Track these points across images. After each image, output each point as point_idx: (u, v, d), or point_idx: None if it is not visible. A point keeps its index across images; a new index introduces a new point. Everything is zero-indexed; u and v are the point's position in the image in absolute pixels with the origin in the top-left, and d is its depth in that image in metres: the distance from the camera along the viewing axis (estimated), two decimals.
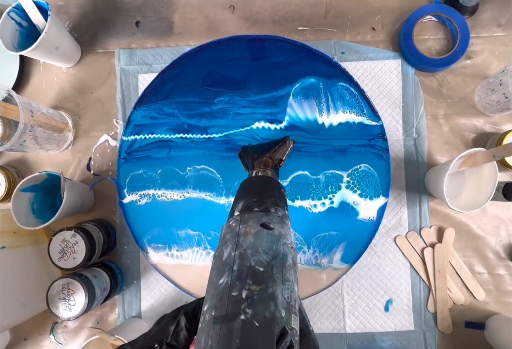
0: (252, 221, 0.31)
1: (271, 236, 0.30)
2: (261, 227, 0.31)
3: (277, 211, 0.35)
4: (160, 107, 0.58)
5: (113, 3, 0.63)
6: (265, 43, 0.55)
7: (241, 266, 0.27)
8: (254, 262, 0.27)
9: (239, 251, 0.28)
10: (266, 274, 0.26)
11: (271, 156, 0.46)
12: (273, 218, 0.32)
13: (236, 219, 0.32)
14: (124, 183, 0.58)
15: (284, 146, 0.49)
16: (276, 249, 0.29)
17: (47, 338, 0.61)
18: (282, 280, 0.27)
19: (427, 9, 0.58)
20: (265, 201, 0.35)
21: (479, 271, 0.58)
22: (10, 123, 0.56)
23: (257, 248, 0.28)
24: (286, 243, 0.30)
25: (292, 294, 0.27)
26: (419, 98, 0.59)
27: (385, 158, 0.55)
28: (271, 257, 0.28)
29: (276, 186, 0.41)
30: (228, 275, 0.27)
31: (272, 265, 0.27)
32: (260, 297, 0.25)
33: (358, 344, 0.58)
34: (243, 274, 0.26)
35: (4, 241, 0.54)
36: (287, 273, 0.28)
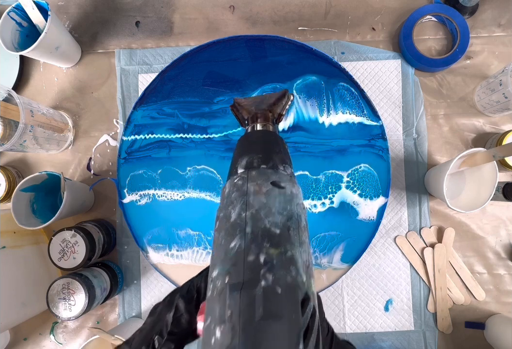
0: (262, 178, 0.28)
1: (283, 195, 0.27)
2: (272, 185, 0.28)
3: (286, 169, 0.31)
4: (160, 107, 0.58)
5: (113, 3, 0.63)
6: (265, 43, 0.55)
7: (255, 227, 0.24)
8: (269, 224, 0.25)
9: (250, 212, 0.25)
10: (283, 236, 0.24)
11: (271, 109, 0.41)
12: (283, 176, 0.29)
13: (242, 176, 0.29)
14: (124, 183, 0.58)
15: (283, 99, 0.43)
16: (290, 210, 0.26)
17: (47, 338, 0.61)
18: (299, 243, 0.25)
19: (427, 9, 0.58)
20: (272, 158, 0.32)
21: (479, 271, 0.58)
22: (10, 123, 0.56)
23: (271, 208, 0.26)
24: (299, 203, 0.28)
25: (309, 256, 0.25)
26: (419, 98, 0.59)
27: (385, 158, 0.55)
28: (286, 218, 0.26)
29: (281, 141, 0.36)
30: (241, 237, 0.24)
31: (288, 226, 0.25)
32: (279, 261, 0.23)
33: (358, 344, 0.58)
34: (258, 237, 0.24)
35: (4, 241, 0.54)
36: (303, 235, 0.26)
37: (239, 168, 0.31)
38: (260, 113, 0.40)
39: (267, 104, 0.42)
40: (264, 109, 0.41)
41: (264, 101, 0.43)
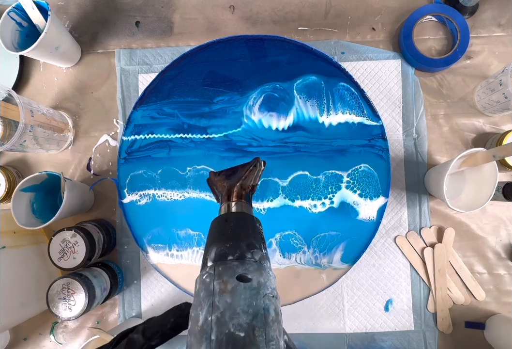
0: (227, 274, 0.28)
1: (249, 289, 0.27)
2: (237, 280, 0.28)
3: (254, 254, 0.32)
4: (160, 107, 0.58)
5: (113, 3, 0.63)
6: (265, 43, 0.55)
7: (220, 333, 0.25)
8: (233, 327, 0.25)
9: (215, 315, 0.26)
10: (248, 339, 0.24)
11: (241, 184, 0.42)
12: (250, 267, 0.29)
13: (210, 273, 0.29)
14: (124, 183, 0.58)
15: (254, 170, 0.45)
16: (256, 305, 0.26)
17: (47, 338, 0.61)
18: (266, 342, 0.25)
19: (427, 9, 0.58)
20: (240, 245, 0.32)
21: (479, 271, 0.58)
22: (10, 123, 0.56)
23: (235, 308, 0.26)
24: (267, 294, 0.28)
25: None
26: (419, 98, 0.59)
27: (385, 159, 0.55)
28: (251, 316, 0.26)
29: (251, 223, 0.37)
30: (206, 346, 0.24)
31: (253, 326, 0.25)
32: None
33: (358, 344, 0.58)
34: (222, 344, 0.24)
35: (4, 241, 0.54)
36: (271, 330, 0.26)
37: (209, 261, 0.32)
38: (232, 190, 0.41)
39: (238, 178, 0.43)
40: (236, 187, 0.42)
41: (235, 174, 0.44)
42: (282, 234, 0.57)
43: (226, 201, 0.41)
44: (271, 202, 0.57)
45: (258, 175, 0.45)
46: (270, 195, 0.57)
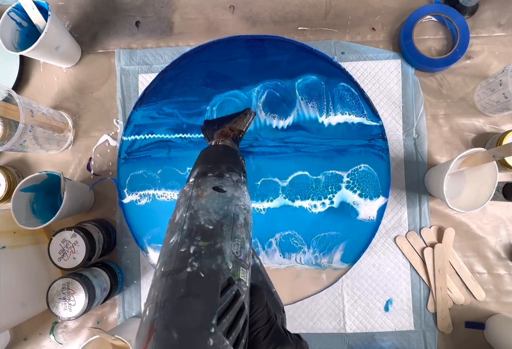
0: (205, 185, 0.32)
1: (222, 197, 0.31)
2: (213, 190, 0.31)
3: (232, 176, 0.36)
4: (160, 107, 0.58)
5: (113, 3, 0.63)
6: (265, 43, 0.55)
7: (191, 225, 0.28)
8: (204, 221, 0.28)
9: (189, 212, 0.29)
10: (215, 231, 0.27)
11: (231, 127, 0.47)
12: (226, 182, 0.33)
13: (190, 184, 0.33)
14: (124, 183, 0.58)
15: (244, 118, 0.50)
16: (227, 209, 0.30)
17: (47, 338, 0.61)
18: (231, 237, 0.28)
19: (427, 9, 0.58)
20: (220, 167, 0.36)
21: (479, 271, 0.58)
22: (10, 123, 0.56)
23: (208, 208, 0.29)
24: (238, 204, 0.31)
25: (242, 249, 0.28)
26: (419, 98, 0.59)
27: (385, 159, 0.55)
28: (221, 216, 0.29)
29: (233, 153, 0.41)
30: (178, 234, 0.28)
31: (222, 223, 0.28)
32: (207, 251, 0.26)
33: (358, 344, 0.58)
34: (192, 232, 0.27)
35: (4, 241, 0.54)
36: (238, 230, 0.29)
37: (191, 178, 0.36)
38: (221, 131, 0.47)
39: (228, 122, 0.48)
40: (225, 127, 0.47)
41: (227, 120, 0.49)
42: (282, 234, 0.57)
43: (216, 138, 0.46)
44: (271, 202, 0.57)
45: (248, 122, 0.50)
46: (270, 195, 0.57)
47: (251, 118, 0.50)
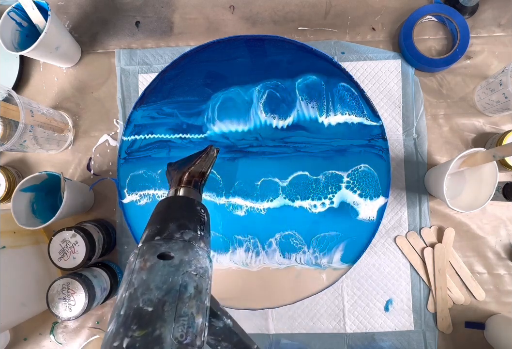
0: (149, 252, 0.29)
1: (168, 266, 0.27)
2: (158, 258, 0.28)
3: (184, 234, 0.32)
4: (160, 107, 0.58)
5: (113, 3, 0.63)
6: (265, 43, 0.55)
7: (128, 308, 0.25)
8: (143, 302, 0.25)
9: (129, 291, 0.26)
10: (156, 313, 0.24)
11: (190, 172, 0.42)
12: (174, 245, 0.30)
13: (135, 252, 0.30)
14: (124, 183, 0.58)
15: (206, 158, 0.45)
16: (172, 282, 0.26)
17: (47, 338, 0.61)
18: (174, 317, 0.25)
19: (427, 9, 0.58)
20: (169, 227, 0.32)
21: (479, 271, 0.58)
22: (10, 123, 0.56)
23: (149, 284, 0.26)
24: (188, 271, 0.28)
25: (190, 329, 0.25)
26: (419, 98, 0.59)
27: (385, 159, 0.55)
28: (164, 292, 0.26)
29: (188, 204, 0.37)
30: (115, 321, 0.25)
31: (164, 301, 0.25)
32: (143, 343, 0.23)
33: (358, 344, 0.58)
34: (128, 319, 0.24)
35: (4, 241, 0.54)
36: (184, 306, 0.26)
37: (139, 242, 0.32)
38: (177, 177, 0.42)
39: (189, 165, 0.43)
40: (183, 173, 0.42)
41: (187, 162, 0.44)
42: (282, 234, 0.57)
43: (174, 186, 0.41)
44: (271, 202, 0.57)
45: (210, 162, 0.45)
46: (270, 195, 0.57)
47: (213, 157, 0.46)
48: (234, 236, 0.58)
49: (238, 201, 0.58)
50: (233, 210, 0.58)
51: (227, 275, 0.57)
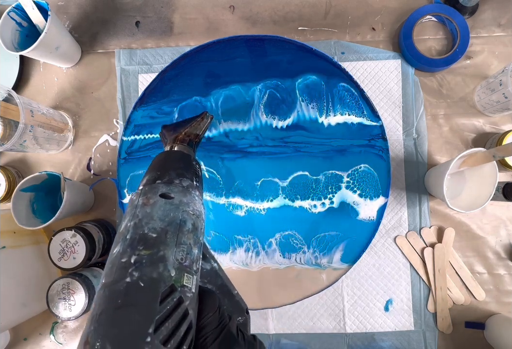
0: (152, 192, 0.31)
1: (169, 204, 0.30)
2: (160, 197, 0.31)
3: (182, 181, 0.35)
4: (160, 107, 0.58)
5: (113, 3, 0.63)
6: (265, 43, 0.55)
7: (134, 234, 0.28)
8: (148, 229, 0.28)
9: (134, 221, 0.29)
10: (159, 239, 0.27)
11: (186, 132, 0.45)
12: (174, 188, 0.33)
13: (137, 193, 0.32)
14: (124, 183, 0.58)
15: (201, 122, 0.48)
16: (173, 216, 0.29)
17: (47, 338, 0.61)
18: (176, 243, 0.28)
19: (427, 9, 0.58)
20: (169, 173, 0.35)
21: (479, 271, 0.58)
22: (10, 123, 0.56)
23: (153, 216, 0.29)
24: (187, 210, 0.31)
25: (188, 255, 0.28)
26: (419, 98, 0.59)
27: (385, 159, 0.55)
28: (166, 223, 0.28)
29: (185, 158, 0.40)
30: (122, 244, 0.27)
31: (167, 230, 0.28)
32: (149, 260, 0.26)
33: (358, 344, 0.58)
34: (135, 241, 0.27)
35: (4, 241, 0.54)
36: (184, 236, 0.29)
37: (140, 186, 0.35)
38: (175, 136, 0.45)
39: (184, 127, 0.46)
40: (180, 132, 0.45)
41: (183, 124, 0.47)
42: (282, 234, 0.57)
43: (170, 143, 0.44)
44: (271, 202, 0.57)
45: (205, 126, 0.48)
46: (270, 195, 0.57)
47: (208, 122, 0.49)
48: (234, 236, 0.58)
49: (238, 201, 0.58)
50: (233, 210, 0.58)
51: (227, 275, 0.57)
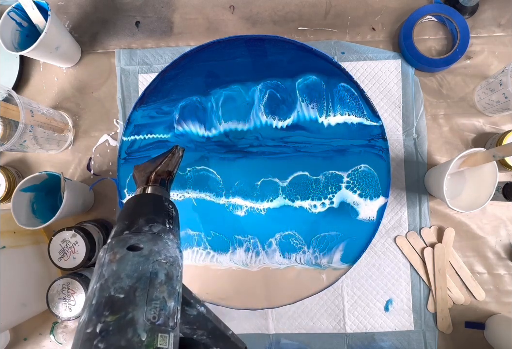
0: (119, 245, 0.29)
1: (138, 257, 0.28)
2: (128, 250, 0.29)
3: (153, 227, 0.33)
4: (160, 107, 0.58)
5: (113, 3, 0.63)
6: (265, 43, 0.55)
7: (100, 297, 0.25)
8: (114, 290, 0.26)
9: (100, 283, 0.27)
10: (127, 299, 0.25)
11: (156, 171, 0.43)
12: (143, 237, 0.30)
13: (105, 248, 0.30)
14: (124, 183, 0.58)
15: (172, 158, 0.46)
16: (142, 270, 0.27)
17: (47, 338, 0.61)
18: (146, 301, 0.25)
19: (427, 9, 0.58)
20: (138, 221, 0.33)
21: (479, 271, 0.58)
22: (10, 123, 0.56)
23: (120, 274, 0.27)
24: (158, 260, 0.29)
25: (162, 311, 0.26)
26: (419, 98, 0.59)
27: (385, 159, 0.55)
28: (135, 280, 0.26)
29: (155, 201, 0.38)
30: (87, 310, 0.25)
31: (135, 288, 0.26)
32: (116, 326, 0.24)
33: (358, 344, 0.58)
34: (100, 306, 0.25)
35: (4, 241, 0.54)
36: (156, 291, 0.26)
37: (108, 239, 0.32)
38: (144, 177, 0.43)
39: (155, 165, 0.44)
40: (150, 173, 0.43)
41: (153, 163, 0.45)
42: (282, 234, 0.57)
43: (142, 185, 0.42)
44: (271, 202, 0.57)
45: (176, 162, 0.47)
46: (270, 195, 0.57)
47: (179, 156, 0.47)
48: (234, 236, 0.58)
49: (238, 201, 0.58)
50: (233, 210, 0.58)
51: (227, 275, 0.57)
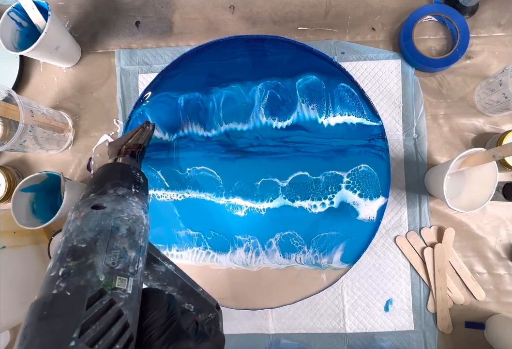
0: (84, 205, 0.32)
1: (101, 214, 0.30)
2: (92, 208, 0.31)
3: (117, 190, 0.35)
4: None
5: (113, 3, 0.63)
6: (265, 43, 0.55)
7: (64, 248, 0.28)
8: (77, 241, 0.28)
9: (65, 236, 0.29)
10: (88, 248, 0.27)
11: (126, 143, 0.47)
12: (107, 198, 0.33)
13: (71, 208, 0.33)
14: None
15: (142, 132, 0.49)
16: (104, 224, 0.29)
17: None
18: (106, 250, 0.28)
19: (427, 9, 0.58)
20: (103, 185, 0.36)
21: (479, 271, 0.58)
22: (10, 123, 0.56)
23: (83, 228, 0.29)
24: (120, 216, 0.31)
25: (122, 259, 0.28)
26: (419, 98, 0.59)
27: (385, 159, 0.55)
28: (96, 232, 0.29)
29: (123, 168, 0.41)
30: (53, 259, 0.28)
31: (97, 239, 0.28)
32: (77, 270, 0.26)
33: (358, 344, 0.58)
34: (63, 255, 0.27)
35: (4, 241, 0.54)
36: (116, 242, 0.29)
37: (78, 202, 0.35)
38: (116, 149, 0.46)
39: (124, 140, 0.48)
40: (119, 145, 0.47)
41: (124, 138, 0.48)
42: (282, 234, 0.57)
43: (113, 156, 0.46)
44: (271, 202, 0.57)
45: (147, 135, 0.49)
46: (270, 195, 0.57)
47: (149, 130, 0.50)
48: (234, 236, 0.58)
49: (238, 201, 0.58)
50: (233, 210, 0.58)
51: (227, 275, 0.57)
